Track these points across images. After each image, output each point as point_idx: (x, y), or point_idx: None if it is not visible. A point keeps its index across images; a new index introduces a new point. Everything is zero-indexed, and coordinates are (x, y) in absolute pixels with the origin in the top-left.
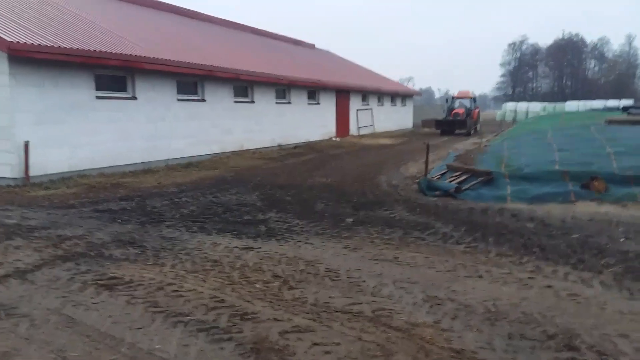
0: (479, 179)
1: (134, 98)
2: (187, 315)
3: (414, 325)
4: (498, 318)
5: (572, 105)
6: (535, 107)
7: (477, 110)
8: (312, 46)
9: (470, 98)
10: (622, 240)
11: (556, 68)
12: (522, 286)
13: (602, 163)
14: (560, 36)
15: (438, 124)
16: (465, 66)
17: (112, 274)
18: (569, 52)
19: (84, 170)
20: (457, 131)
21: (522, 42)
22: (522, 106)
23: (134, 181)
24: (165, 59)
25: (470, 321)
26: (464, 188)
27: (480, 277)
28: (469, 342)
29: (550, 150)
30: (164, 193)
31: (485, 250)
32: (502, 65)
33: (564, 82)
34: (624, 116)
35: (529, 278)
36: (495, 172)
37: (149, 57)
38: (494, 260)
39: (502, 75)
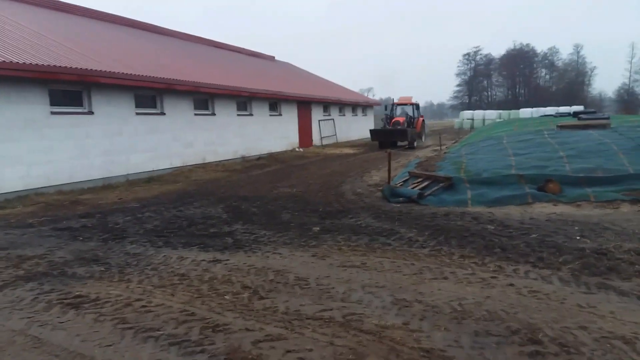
0: (440, 185)
1: (91, 113)
2: (158, 330)
3: (384, 328)
4: (464, 317)
5: (526, 112)
6: (491, 114)
7: (421, 119)
8: (272, 58)
9: (413, 105)
10: (578, 238)
11: (509, 77)
12: (485, 285)
13: (556, 166)
14: (512, 46)
15: (374, 134)
16: (423, 76)
17: (77, 293)
18: (520, 61)
19: (40, 188)
20: (398, 143)
21: (476, 53)
22: (478, 114)
23: (93, 198)
24: (122, 73)
25: (437, 321)
26: (426, 194)
27: (446, 278)
28: (438, 341)
29: (506, 155)
30: (126, 209)
31: (449, 253)
32: (458, 75)
33: (517, 90)
34: (574, 121)
35: (492, 277)
36: (455, 177)
37: (105, 71)
38: (458, 262)
39: (459, 85)
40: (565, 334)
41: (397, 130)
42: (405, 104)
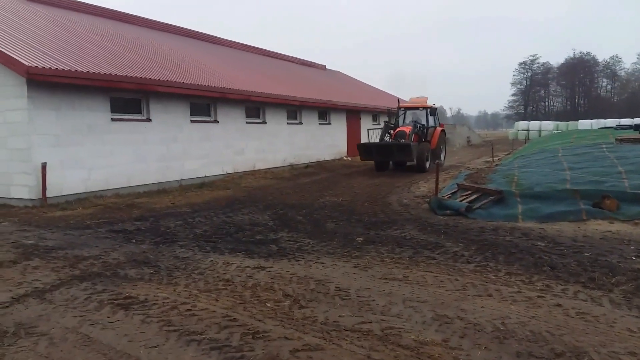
0: (490, 198)
1: (149, 120)
2: (200, 334)
3: (423, 344)
4: (506, 336)
5: (585, 124)
6: (548, 125)
7: (439, 130)
8: (323, 67)
9: (427, 109)
10: (633, 258)
11: (568, 87)
12: (531, 305)
13: (614, 182)
14: (572, 55)
15: (363, 150)
16: (477, 85)
17: (127, 294)
18: (580, 70)
19: (99, 191)
20: (402, 161)
21: (533, 61)
22: (534, 125)
23: (148, 201)
24: (179, 82)
25: (478, 339)
26: (474, 207)
27: (490, 295)
28: None
29: (561, 169)
30: (178, 213)
31: (495, 269)
32: (514, 84)
33: (576, 100)
34: (635, 134)
35: (539, 297)
36: (506, 191)
37: (163, 80)
38: (504, 279)
39: (514, 94)
40: (613, 359)
41: (396, 145)
42: (417, 108)
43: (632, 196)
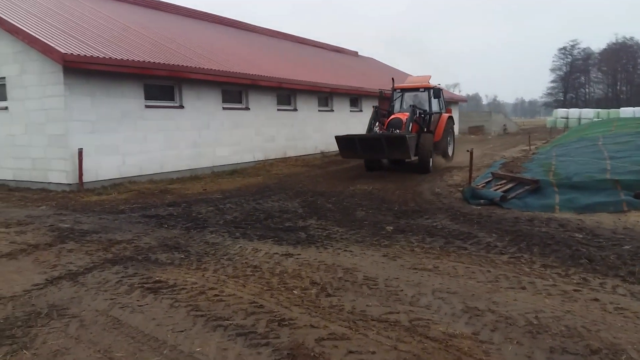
0: (526, 188)
1: (181, 107)
2: (227, 320)
3: (452, 336)
4: (540, 331)
5: (627, 112)
6: (588, 113)
7: (445, 117)
8: (355, 53)
9: (430, 90)
10: None
11: (610, 73)
12: (566, 299)
13: None
14: (614, 40)
15: (344, 144)
16: (514, 71)
17: (157, 278)
18: (623, 56)
19: (133, 176)
20: (394, 158)
21: (573, 47)
22: (573, 112)
23: (181, 187)
24: (211, 69)
25: (510, 334)
26: (509, 197)
27: (523, 288)
28: (508, 355)
29: (601, 158)
30: (209, 199)
31: (529, 261)
32: (553, 70)
33: (618, 87)
34: None
35: (575, 290)
36: (543, 180)
37: (195, 67)
38: (538, 271)
39: (553, 81)
40: None
41: (386, 138)
42: (416, 90)
43: None
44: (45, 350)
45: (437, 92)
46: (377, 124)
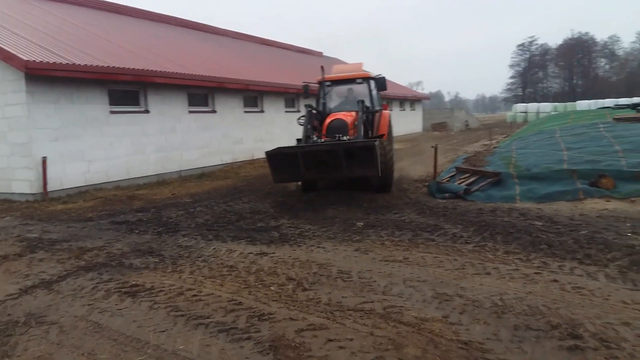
0: (488, 180)
1: (147, 111)
2: (207, 318)
3: (424, 320)
4: (504, 311)
5: (583, 105)
6: (546, 107)
7: (387, 114)
8: (319, 54)
9: (369, 81)
10: (629, 234)
11: (566, 68)
12: (528, 281)
13: (610, 160)
14: (570, 35)
15: (279, 165)
16: (475, 68)
17: (133, 282)
18: (579, 51)
19: (99, 184)
20: (357, 176)
21: (531, 43)
22: (532, 107)
23: (148, 193)
24: (176, 72)
25: (477, 315)
26: (473, 189)
27: (488, 274)
28: (476, 334)
29: (558, 149)
30: (179, 204)
31: (493, 249)
32: (512, 66)
33: (574, 81)
34: (632, 113)
35: (535, 273)
36: (504, 172)
37: (160, 71)
38: (502, 257)
39: (512, 77)
40: (607, 329)
41: (346, 149)
42: (354, 80)
43: (629, 174)
44: (29, 356)
45: (381, 83)
46: (307, 131)
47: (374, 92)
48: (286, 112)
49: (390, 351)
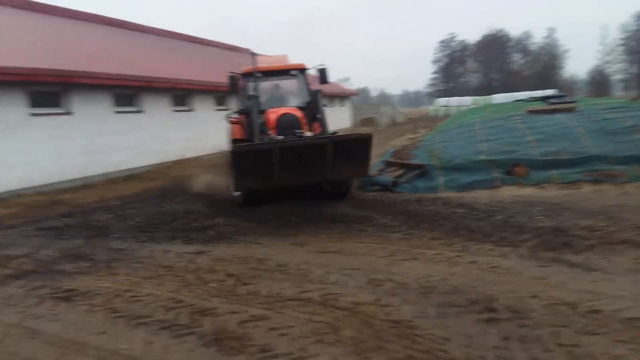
0: (414, 172)
1: (70, 113)
2: (148, 317)
3: (358, 304)
4: (430, 292)
5: (499, 98)
6: (466, 101)
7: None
8: (248, 51)
9: (303, 70)
10: (539, 217)
11: (484, 63)
12: (451, 264)
13: (524, 150)
14: (486, 32)
15: (250, 165)
16: (399, 64)
17: (67, 287)
18: (495, 46)
19: (20, 189)
20: (340, 179)
21: (451, 39)
22: (453, 101)
23: (73, 197)
24: (100, 72)
25: (406, 296)
26: (400, 182)
27: (415, 259)
28: (406, 313)
29: (477, 141)
30: (107, 207)
31: (419, 236)
32: (434, 62)
33: (492, 75)
34: (543, 106)
35: (457, 256)
36: (429, 164)
37: (83, 71)
38: (427, 243)
39: (435, 72)
40: (519, 302)
41: (337, 142)
42: (287, 72)
43: (540, 163)
44: None
45: (322, 75)
46: (253, 126)
47: (307, 86)
48: (217, 110)
49: (328, 334)
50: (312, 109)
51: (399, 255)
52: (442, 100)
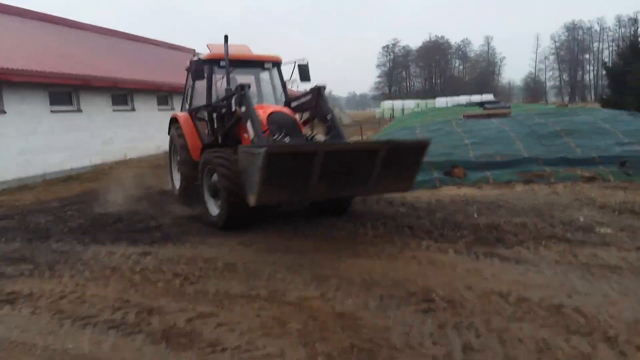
0: None
1: (3, 112)
2: (95, 317)
3: (305, 299)
4: (373, 285)
5: (441, 102)
6: (410, 104)
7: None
8: (192, 51)
9: (279, 64)
10: (475, 215)
11: (426, 68)
12: (392, 259)
13: (461, 153)
14: (428, 39)
15: (276, 166)
16: (345, 67)
17: (9, 290)
18: (436, 53)
19: None
20: (382, 193)
21: (394, 45)
22: (398, 104)
23: (9, 199)
24: (35, 70)
25: (350, 290)
26: None
27: (359, 255)
28: (349, 306)
29: None
30: (47, 209)
31: (363, 234)
32: (379, 66)
33: (433, 80)
34: (479, 111)
35: (399, 252)
36: None
37: (16, 68)
38: (371, 241)
39: (379, 76)
40: (454, 293)
41: (391, 148)
42: (261, 64)
43: (476, 164)
44: None
45: (304, 72)
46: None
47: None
48: (160, 110)
49: (275, 328)
50: (314, 109)
51: (344, 252)
52: (387, 103)
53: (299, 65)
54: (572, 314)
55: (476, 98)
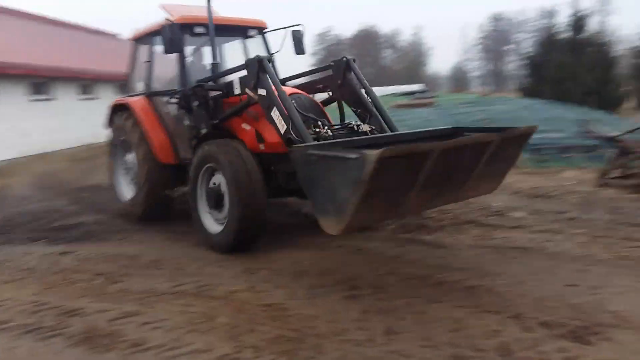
0: None
1: None
2: (8, 322)
3: (233, 292)
4: (301, 275)
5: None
6: None
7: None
8: (115, 36)
9: (260, 29)
10: None
11: (358, 57)
12: (320, 250)
13: None
14: (360, 28)
15: (384, 175)
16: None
17: None
18: (367, 42)
19: None
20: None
21: (327, 33)
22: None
23: None
24: None
25: (279, 281)
26: None
27: (290, 246)
28: (278, 297)
29: None
30: None
31: (295, 225)
32: (313, 54)
33: (366, 69)
34: (408, 101)
35: (328, 242)
36: None
37: None
38: (301, 232)
39: (313, 65)
40: (378, 279)
41: (501, 138)
42: (244, 30)
43: None
44: None
45: (298, 40)
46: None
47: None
48: (83, 99)
49: (203, 323)
50: (339, 88)
51: (262, 243)
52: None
53: (292, 32)
54: (485, 294)
55: (406, 87)
